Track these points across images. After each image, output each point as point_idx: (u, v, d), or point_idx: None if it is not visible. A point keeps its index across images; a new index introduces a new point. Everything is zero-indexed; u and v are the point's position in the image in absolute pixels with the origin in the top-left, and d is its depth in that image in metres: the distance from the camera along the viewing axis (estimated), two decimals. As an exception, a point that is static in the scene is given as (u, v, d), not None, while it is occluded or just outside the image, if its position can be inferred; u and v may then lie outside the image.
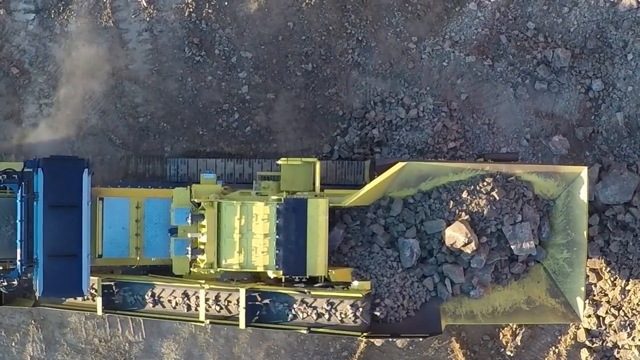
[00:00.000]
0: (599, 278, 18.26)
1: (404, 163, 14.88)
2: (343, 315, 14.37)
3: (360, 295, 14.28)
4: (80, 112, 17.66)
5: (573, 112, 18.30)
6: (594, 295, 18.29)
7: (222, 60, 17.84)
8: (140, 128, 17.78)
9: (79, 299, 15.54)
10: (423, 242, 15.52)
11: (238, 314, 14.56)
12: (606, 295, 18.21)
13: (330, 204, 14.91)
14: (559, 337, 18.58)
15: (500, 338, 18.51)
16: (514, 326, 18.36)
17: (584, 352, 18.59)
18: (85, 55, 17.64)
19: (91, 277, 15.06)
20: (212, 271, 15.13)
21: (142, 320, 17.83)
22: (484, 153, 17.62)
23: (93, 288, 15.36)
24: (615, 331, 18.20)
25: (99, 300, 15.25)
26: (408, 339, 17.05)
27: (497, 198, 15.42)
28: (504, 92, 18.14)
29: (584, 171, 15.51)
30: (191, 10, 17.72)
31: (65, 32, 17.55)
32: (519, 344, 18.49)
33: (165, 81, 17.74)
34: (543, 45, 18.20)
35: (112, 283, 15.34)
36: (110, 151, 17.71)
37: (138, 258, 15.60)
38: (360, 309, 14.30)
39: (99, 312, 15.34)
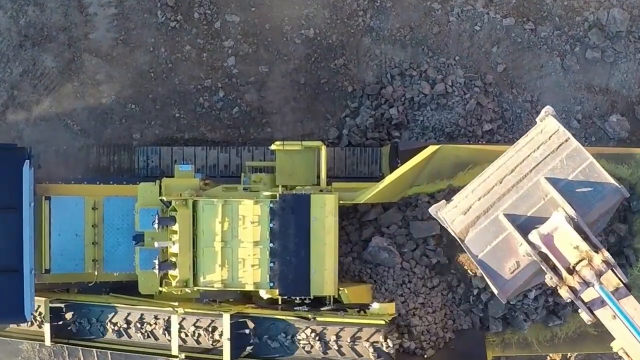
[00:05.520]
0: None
1: (437, 146, 13.35)
2: (360, 348, 12.66)
3: (383, 322, 12.49)
4: (30, 93, 16.64)
5: (632, 87, 17.18)
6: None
7: (203, 26, 16.94)
8: (103, 111, 16.80)
9: (23, 324, 14.29)
10: (402, 249, 14.14)
11: (221, 347, 13.05)
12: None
13: (340, 202, 13.50)
14: (620, 363, 17.57)
15: (549, 365, 17.57)
16: (566, 350, 17.26)
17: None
18: (35, 22, 16.66)
19: (37, 298, 13.83)
20: (187, 290, 13.68)
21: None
22: (528, 136, 16.45)
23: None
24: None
25: (46, 327, 13.95)
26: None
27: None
28: (549, 62, 17.07)
29: (667, 154, 14.06)
30: (164, -35, 16.94)
31: (11, -6, 16.81)
32: (570, 371, 17.48)
33: (134, 53, 16.85)
34: (595, 5, 17.08)
35: (63, 305, 14.07)
36: (66, 140, 16.73)
37: (96, 273, 14.38)
38: (383, 340, 12.56)
39: (47, 341, 14.03)
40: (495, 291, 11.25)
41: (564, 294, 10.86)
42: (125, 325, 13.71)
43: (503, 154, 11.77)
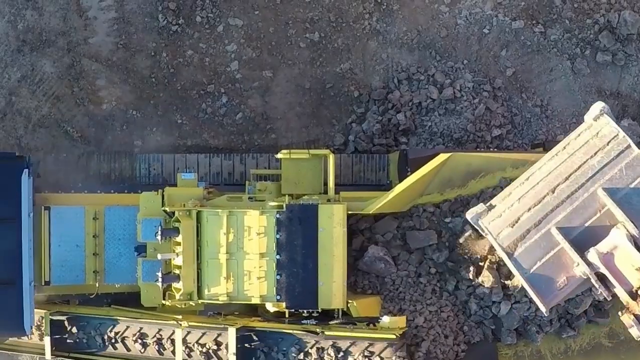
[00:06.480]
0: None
1: (448, 154, 13.17)
2: None
3: (394, 336, 12.32)
4: (29, 99, 16.57)
5: (644, 91, 17.33)
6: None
7: (206, 30, 16.92)
8: (103, 117, 16.77)
9: (22, 337, 14.32)
10: (397, 259, 13.91)
11: (227, 361, 13.00)
12: None
13: (349, 212, 13.33)
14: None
15: (562, 375, 17.58)
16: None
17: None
18: (34, 26, 16.63)
19: (37, 310, 13.89)
20: (191, 303, 13.57)
21: (111, 362, 16.72)
22: (538, 142, 16.37)
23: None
24: None
25: (47, 341, 14.00)
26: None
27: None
28: (559, 65, 17.02)
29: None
30: (165, -33, 16.98)
31: (9, -1, 16.87)
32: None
33: (135, 57, 16.83)
34: (606, 7, 17.12)
35: (64, 318, 14.08)
36: (66, 147, 16.67)
37: (97, 284, 14.41)
38: (395, 354, 12.39)
39: (48, 355, 14.15)
40: (542, 307, 10.71)
41: (627, 321, 10.29)
42: (127, 338, 13.58)
43: (549, 154, 10.83)
